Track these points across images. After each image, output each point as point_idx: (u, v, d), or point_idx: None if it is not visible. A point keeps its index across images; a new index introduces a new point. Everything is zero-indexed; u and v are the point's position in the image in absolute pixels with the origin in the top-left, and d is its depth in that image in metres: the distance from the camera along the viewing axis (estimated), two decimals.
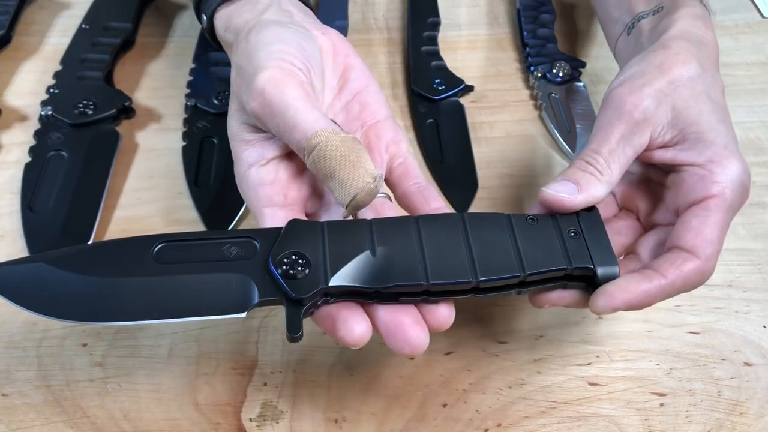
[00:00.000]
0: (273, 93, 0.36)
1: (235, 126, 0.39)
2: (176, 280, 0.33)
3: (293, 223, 0.35)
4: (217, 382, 0.41)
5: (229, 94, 0.54)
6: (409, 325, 0.32)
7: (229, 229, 0.48)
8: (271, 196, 0.37)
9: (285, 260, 0.33)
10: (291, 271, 0.33)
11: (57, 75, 0.56)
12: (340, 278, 0.33)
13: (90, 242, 0.46)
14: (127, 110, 0.54)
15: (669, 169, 0.39)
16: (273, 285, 0.33)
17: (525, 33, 0.62)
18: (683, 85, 0.38)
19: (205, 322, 0.43)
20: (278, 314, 0.44)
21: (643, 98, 0.38)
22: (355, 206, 0.35)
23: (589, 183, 0.37)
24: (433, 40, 0.62)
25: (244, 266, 0.33)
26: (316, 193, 0.39)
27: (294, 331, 0.32)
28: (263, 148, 0.38)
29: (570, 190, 0.36)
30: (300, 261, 0.33)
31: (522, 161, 0.53)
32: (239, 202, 0.49)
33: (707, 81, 0.39)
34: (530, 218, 0.36)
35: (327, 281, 0.33)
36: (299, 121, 0.35)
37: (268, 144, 0.38)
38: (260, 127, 0.38)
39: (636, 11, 0.46)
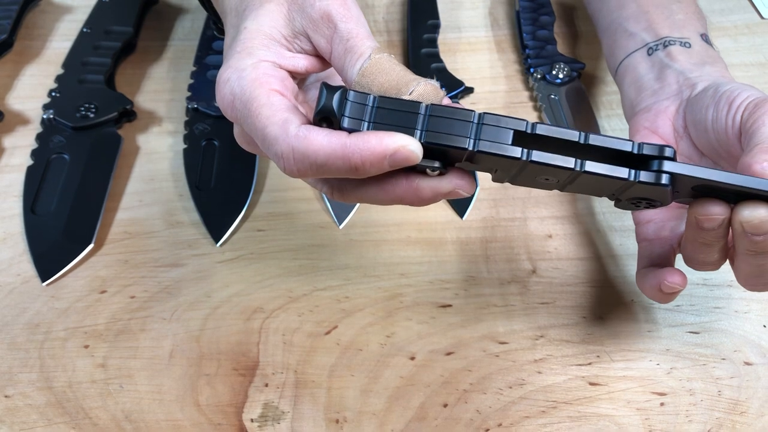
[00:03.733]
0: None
1: (266, 24, 0.35)
2: None
3: None
4: (218, 383, 0.41)
5: None
6: None
7: (230, 230, 0.48)
8: (279, 88, 0.34)
9: None
10: None
11: (59, 78, 0.56)
12: None
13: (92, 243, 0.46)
14: (128, 113, 0.55)
15: None
16: None
17: (524, 35, 0.62)
18: None
19: (206, 322, 0.43)
20: (279, 315, 0.44)
21: None
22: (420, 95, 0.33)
23: None
24: (433, 43, 0.62)
25: None
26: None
27: None
28: (281, 56, 0.35)
29: None
30: None
31: None
32: (240, 204, 0.49)
33: None
34: None
35: None
36: (364, 32, 0.34)
37: (287, 54, 0.35)
38: (310, 33, 0.35)
39: (661, 34, 0.47)
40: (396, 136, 0.31)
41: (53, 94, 0.55)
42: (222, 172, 0.51)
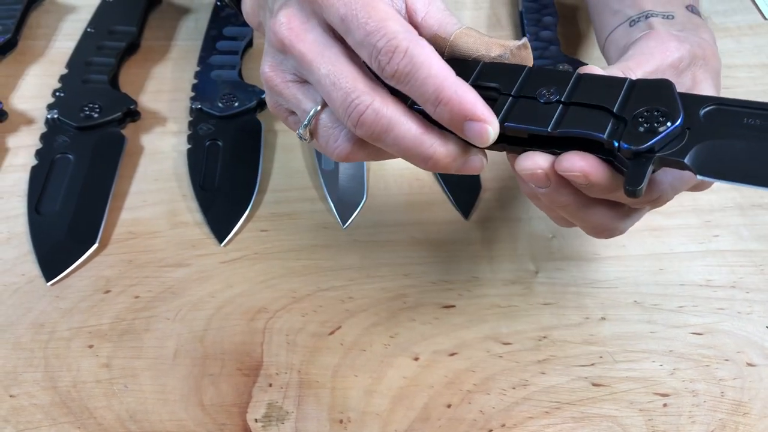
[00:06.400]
0: None
1: None
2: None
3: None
4: (222, 383, 0.41)
5: (232, 97, 0.55)
6: None
7: (234, 230, 0.48)
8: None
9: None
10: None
11: (63, 78, 0.56)
12: None
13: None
14: (132, 113, 0.55)
15: None
16: None
17: (527, 35, 0.62)
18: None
19: (210, 322, 0.43)
20: (282, 316, 0.44)
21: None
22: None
23: None
24: None
25: None
26: None
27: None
28: None
29: None
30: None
31: None
32: (244, 204, 0.49)
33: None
34: None
35: None
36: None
37: None
38: None
39: (644, 8, 0.46)
40: (489, 115, 0.31)
41: (57, 94, 0.55)
42: (226, 172, 0.51)
